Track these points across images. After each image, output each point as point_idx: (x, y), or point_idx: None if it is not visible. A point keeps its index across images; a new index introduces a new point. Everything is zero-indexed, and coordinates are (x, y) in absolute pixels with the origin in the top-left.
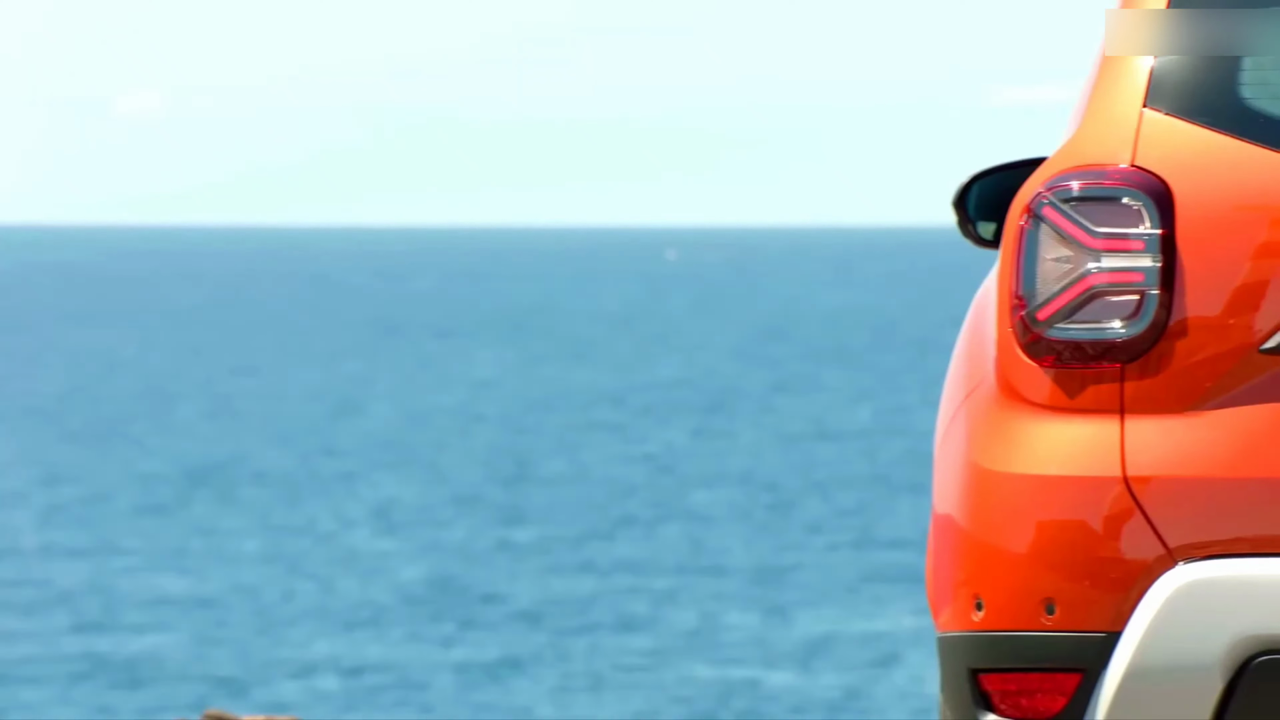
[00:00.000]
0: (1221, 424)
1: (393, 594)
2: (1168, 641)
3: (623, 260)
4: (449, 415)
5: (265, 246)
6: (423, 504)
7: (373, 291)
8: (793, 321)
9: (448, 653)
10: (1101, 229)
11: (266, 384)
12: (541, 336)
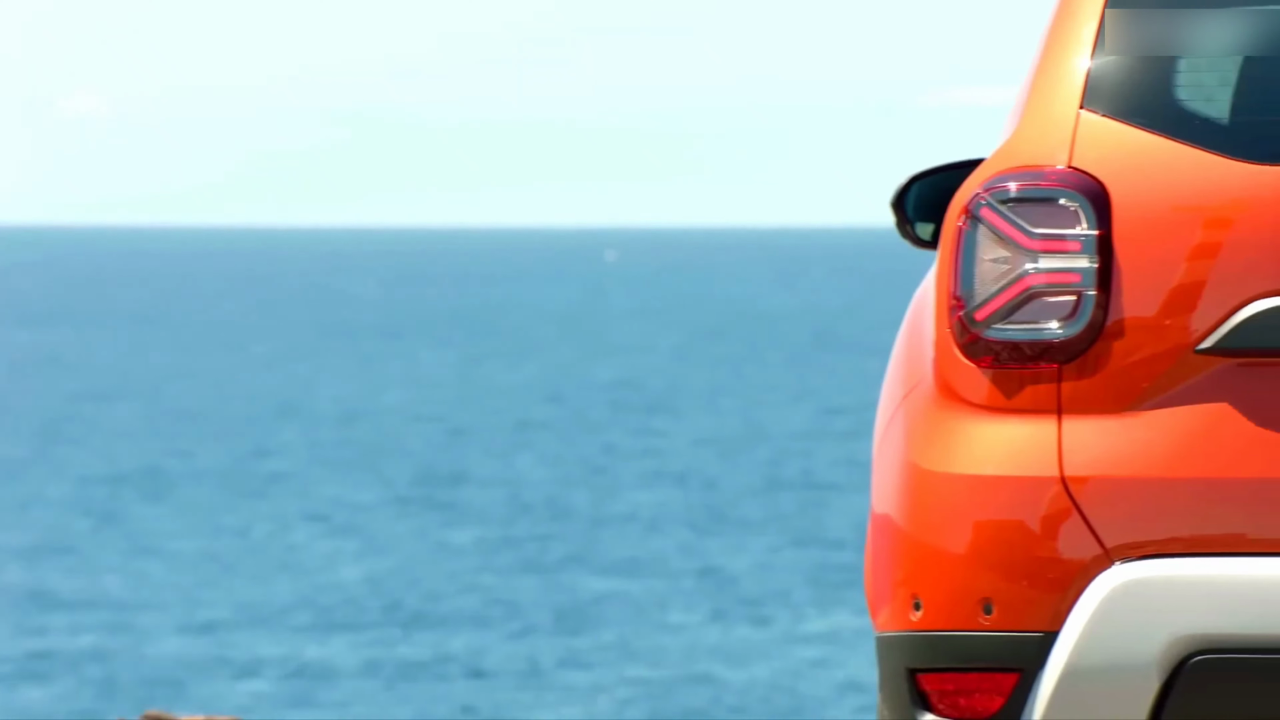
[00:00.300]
0: (1158, 424)
1: (333, 594)
2: (1104, 641)
3: (563, 261)
4: (390, 415)
5: (229, 247)
6: (363, 504)
7: (325, 292)
8: (733, 322)
9: (388, 653)
10: (1039, 230)
11: (208, 384)
12: (483, 337)
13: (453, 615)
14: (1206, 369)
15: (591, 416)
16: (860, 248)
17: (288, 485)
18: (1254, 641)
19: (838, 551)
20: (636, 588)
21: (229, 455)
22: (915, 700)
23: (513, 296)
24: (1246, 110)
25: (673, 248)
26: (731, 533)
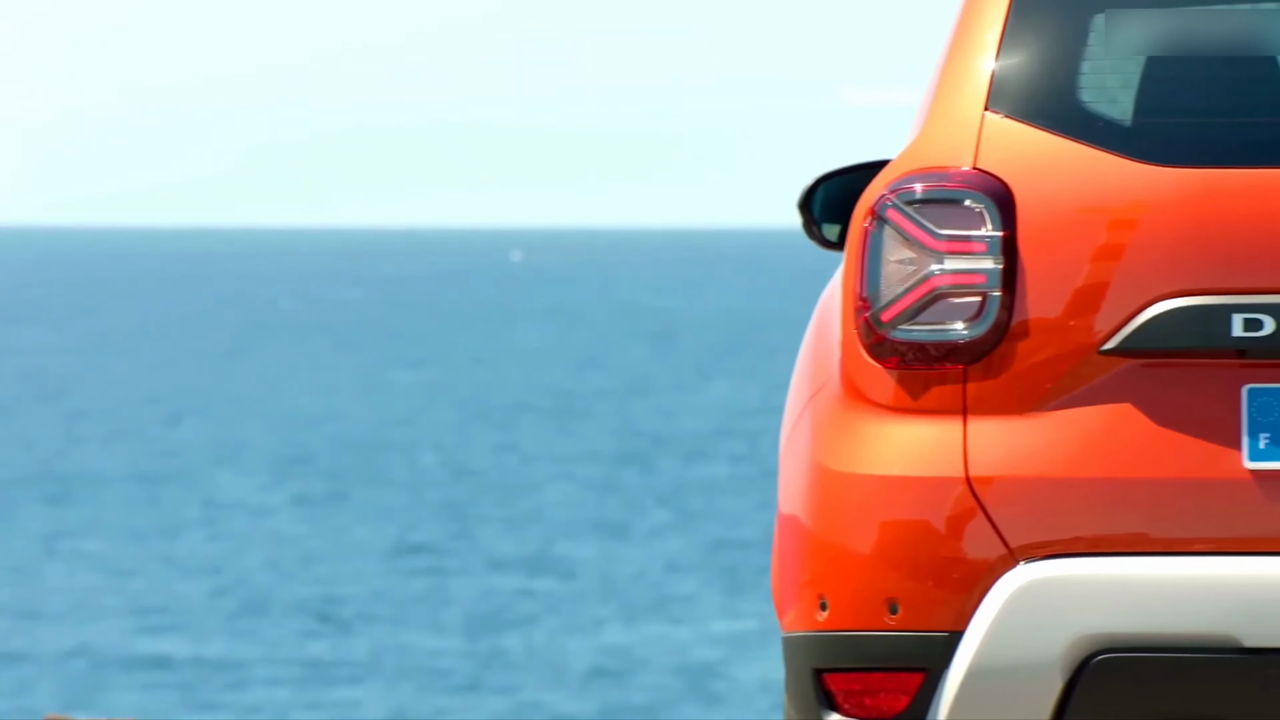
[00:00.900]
0: (1062, 424)
1: (228, 595)
2: (1008, 640)
3: (468, 261)
4: (290, 417)
5: (168, 249)
6: (261, 505)
7: (243, 294)
8: (640, 323)
9: (282, 651)
10: (944, 231)
11: (109, 387)
12: (387, 338)
13: (358, 615)
14: (1110, 369)
15: (495, 418)
16: (766, 248)
17: (185, 484)
18: (1155, 640)
19: (744, 552)
20: (543, 590)
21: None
22: (821, 700)
23: (420, 297)
24: (1149, 112)
25: (583, 248)
26: (639, 534)
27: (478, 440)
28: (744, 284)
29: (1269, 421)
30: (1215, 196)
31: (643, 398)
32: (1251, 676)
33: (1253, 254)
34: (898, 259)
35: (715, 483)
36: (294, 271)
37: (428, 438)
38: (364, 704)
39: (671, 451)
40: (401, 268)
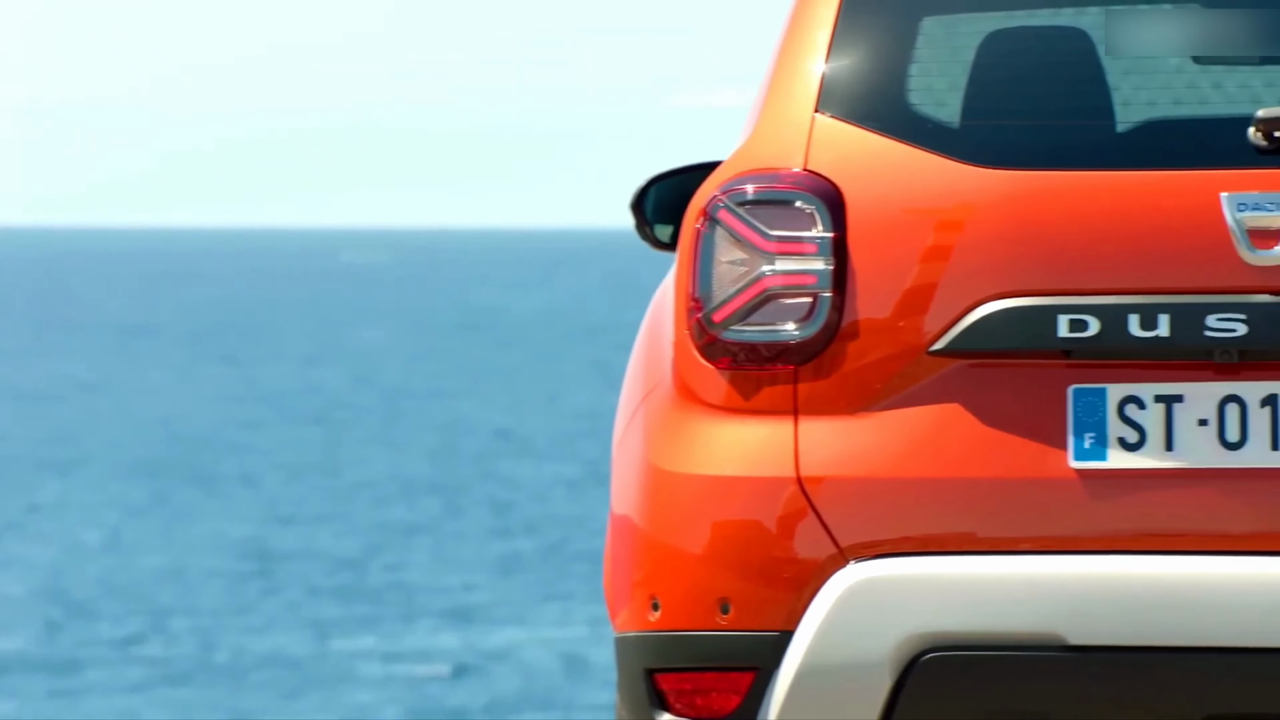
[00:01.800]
0: (891, 424)
1: (52, 597)
2: (838, 640)
3: (299, 261)
4: (109, 418)
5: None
6: (82, 503)
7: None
8: (471, 324)
9: (137, 652)
10: (775, 232)
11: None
12: (216, 338)
13: (187, 612)
14: (938, 370)
15: (324, 419)
16: (600, 248)
17: (8, 484)
18: (982, 639)
19: (576, 554)
20: (376, 596)
21: None
22: (653, 700)
23: (242, 297)
24: (976, 115)
25: (409, 248)
26: (474, 536)
27: (311, 439)
28: (583, 284)
29: (1093, 422)
30: (1041, 198)
31: (478, 398)
32: (1076, 674)
33: (1078, 255)
34: (729, 260)
35: (549, 482)
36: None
37: (253, 439)
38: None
39: (503, 450)
40: (248, 266)
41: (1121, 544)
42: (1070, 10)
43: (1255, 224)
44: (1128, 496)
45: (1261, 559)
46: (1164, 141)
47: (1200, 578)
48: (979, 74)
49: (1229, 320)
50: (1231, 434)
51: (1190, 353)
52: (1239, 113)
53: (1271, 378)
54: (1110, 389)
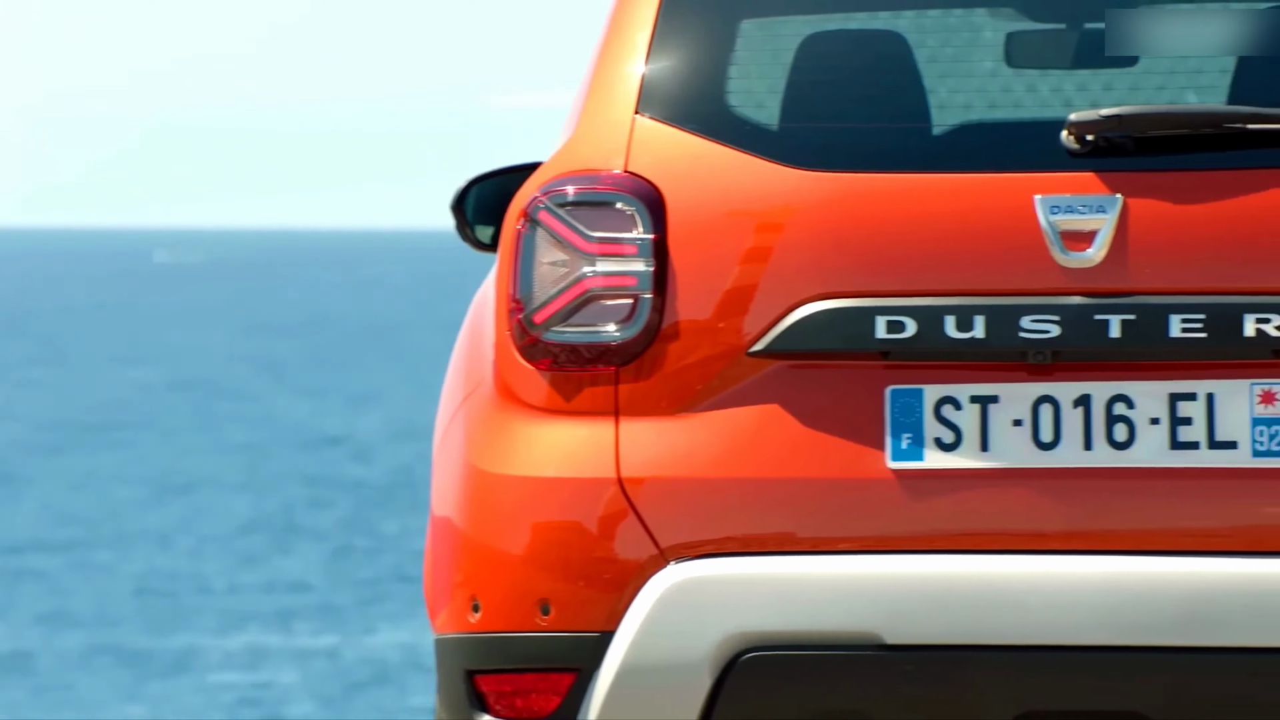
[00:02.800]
0: (712, 425)
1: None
2: (658, 640)
3: (111, 261)
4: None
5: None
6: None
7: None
8: (289, 325)
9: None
10: (596, 233)
11: None
12: (16, 339)
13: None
14: (759, 371)
15: (130, 422)
16: (420, 249)
17: None
18: (801, 638)
19: (393, 557)
20: (187, 604)
21: None
22: (473, 702)
23: (52, 299)
24: (795, 117)
25: (229, 248)
26: (292, 540)
27: (112, 443)
28: (402, 285)
29: (910, 422)
30: (859, 200)
31: (299, 398)
32: (893, 673)
33: (896, 257)
34: (550, 261)
35: (364, 485)
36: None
37: (53, 439)
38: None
39: (318, 451)
40: (34, 267)
41: (938, 543)
42: (887, 14)
43: (1068, 226)
44: (944, 496)
45: (1073, 558)
46: (979, 144)
47: (1015, 577)
48: (797, 76)
49: (1042, 322)
50: (1045, 434)
51: (1005, 354)
52: (1052, 116)
53: (1083, 378)
54: (927, 390)
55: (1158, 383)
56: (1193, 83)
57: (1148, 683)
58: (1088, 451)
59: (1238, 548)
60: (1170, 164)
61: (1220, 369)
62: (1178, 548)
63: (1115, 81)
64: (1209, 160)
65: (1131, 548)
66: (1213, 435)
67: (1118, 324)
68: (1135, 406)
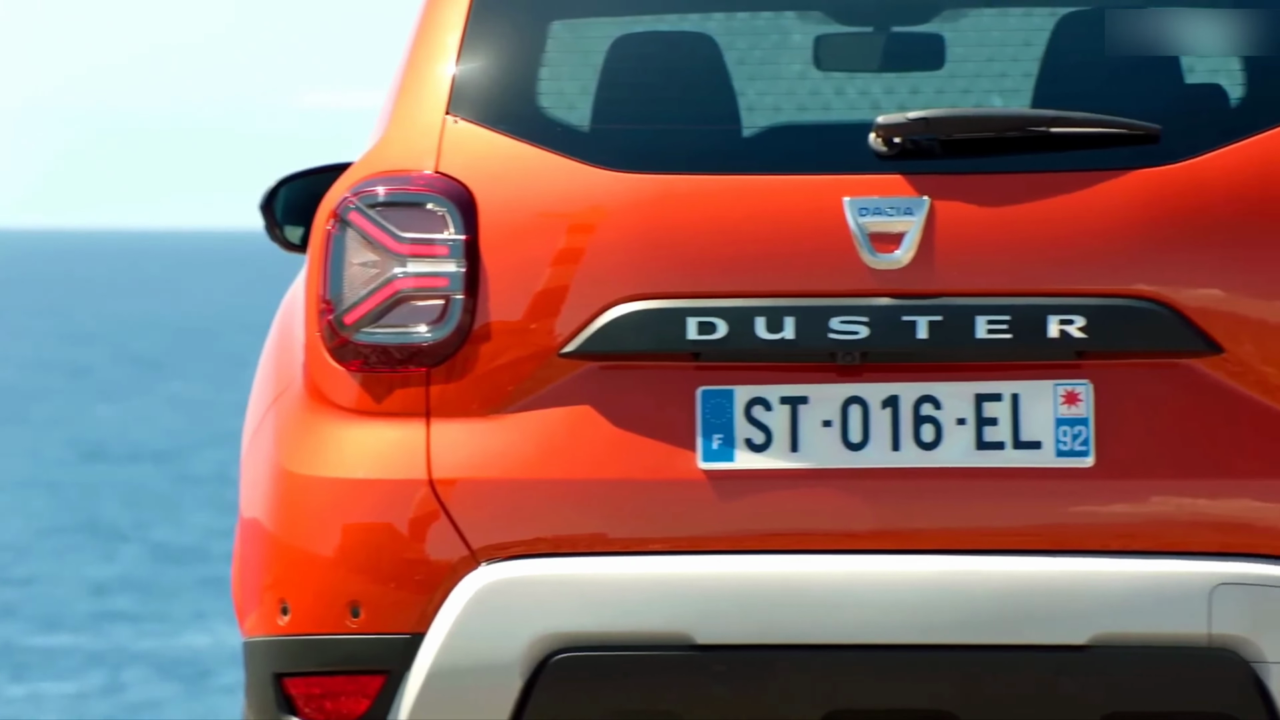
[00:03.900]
0: (524, 427)
1: None
2: (469, 642)
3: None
4: None
5: None
6: None
7: None
8: (95, 328)
9: None
10: (407, 234)
11: None
12: None
13: None
14: (570, 372)
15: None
16: (230, 250)
17: None
18: (612, 639)
19: (205, 560)
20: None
21: None
22: (281, 705)
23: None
24: (605, 119)
25: (25, 249)
26: (105, 544)
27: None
28: (209, 286)
29: (721, 423)
30: (671, 202)
31: (109, 402)
32: (703, 673)
33: (707, 258)
34: (360, 262)
35: (179, 488)
36: None
37: None
38: None
39: (126, 456)
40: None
41: (749, 544)
42: (696, 16)
43: (876, 228)
44: (755, 497)
45: (882, 557)
46: (789, 146)
47: (824, 577)
48: (608, 78)
49: (851, 323)
50: (854, 435)
51: (814, 355)
52: (860, 119)
53: (892, 379)
54: (738, 391)
55: (964, 383)
56: (998, 86)
57: (955, 681)
58: (895, 452)
59: (1042, 546)
60: (976, 166)
61: (1025, 370)
62: (984, 547)
63: (922, 85)
64: (1014, 163)
65: (939, 547)
66: (1017, 435)
67: (925, 325)
68: (942, 407)
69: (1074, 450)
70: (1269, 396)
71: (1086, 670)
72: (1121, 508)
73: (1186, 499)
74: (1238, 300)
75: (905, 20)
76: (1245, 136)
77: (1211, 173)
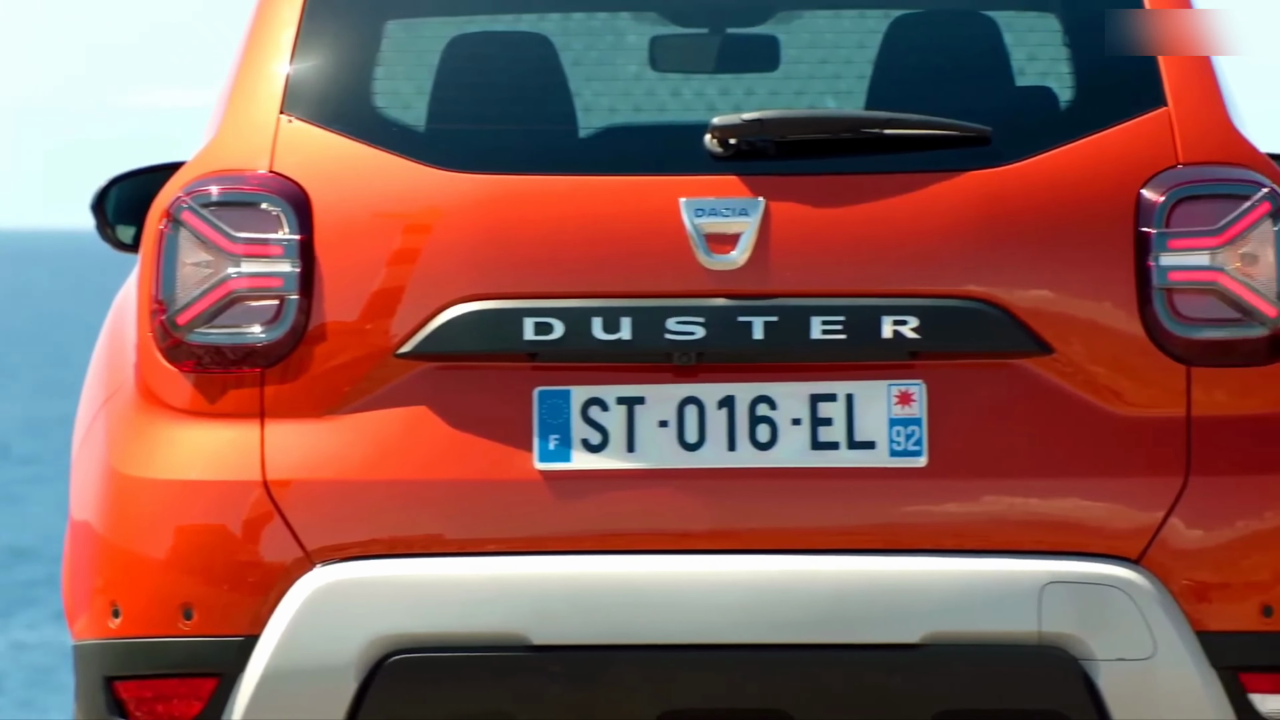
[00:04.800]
0: (360, 427)
1: None
2: (303, 644)
3: None
4: None
5: None
6: None
7: None
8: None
9: None
10: (241, 234)
11: None
12: None
13: None
14: (406, 372)
15: None
16: (56, 250)
17: None
18: (448, 640)
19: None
20: None
21: None
22: (112, 709)
23: None
24: (441, 119)
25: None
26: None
27: None
28: (37, 285)
29: (558, 424)
30: (507, 202)
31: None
32: (539, 673)
33: (544, 259)
34: (194, 262)
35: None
36: None
37: None
38: None
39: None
40: None
41: (585, 544)
42: (532, 16)
43: (712, 229)
44: (591, 497)
45: (718, 557)
46: (625, 147)
47: (660, 577)
48: (444, 78)
49: (688, 323)
50: (690, 435)
51: (651, 355)
52: (697, 120)
53: (728, 380)
54: (575, 391)
55: (799, 384)
56: (832, 88)
57: (789, 680)
58: (731, 452)
59: (876, 546)
60: (811, 168)
61: (859, 370)
62: (819, 547)
63: (757, 86)
64: (849, 164)
65: (775, 547)
66: (852, 435)
67: (760, 326)
68: (778, 407)
69: (907, 450)
70: (1097, 396)
71: (918, 669)
72: (953, 507)
73: (1017, 498)
74: (1068, 301)
75: (740, 22)
76: (1075, 139)
77: (1041, 175)
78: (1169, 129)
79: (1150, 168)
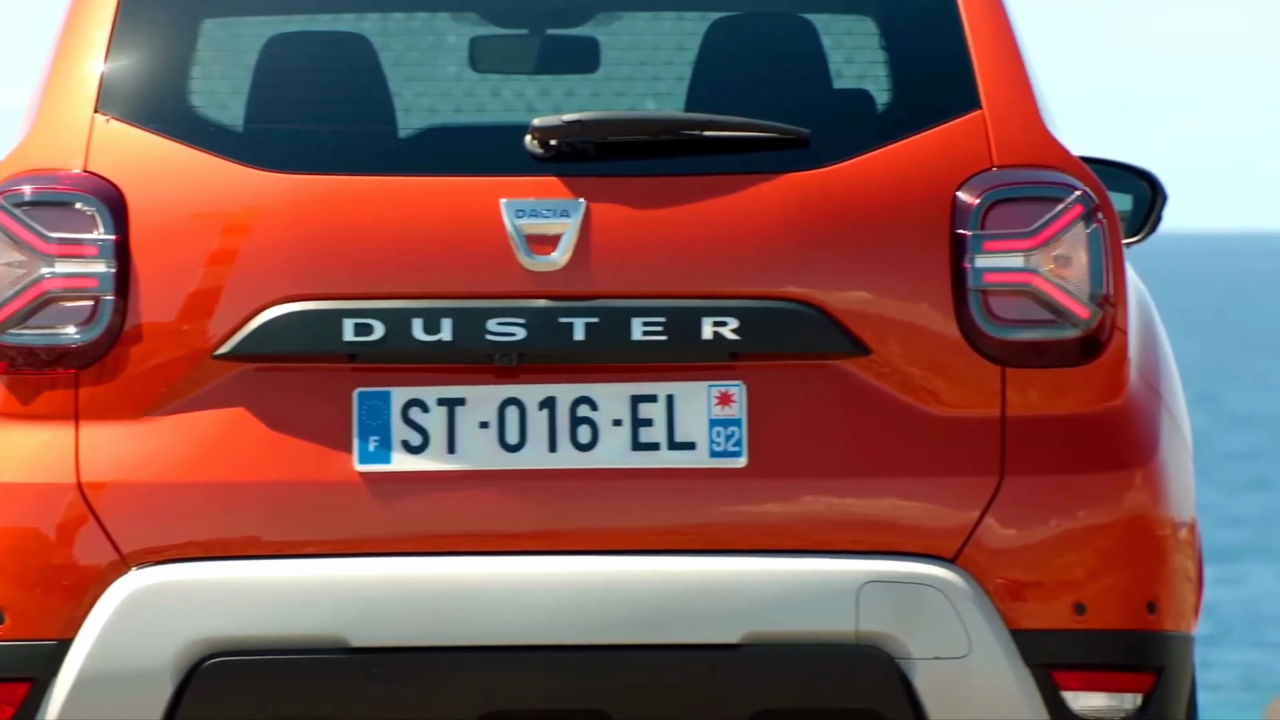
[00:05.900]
0: (177, 429)
1: None
2: (119, 648)
3: None
4: None
5: None
6: None
7: None
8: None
9: None
10: (55, 234)
11: None
12: None
13: None
14: (224, 374)
15: None
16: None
17: None
18: (266, 643)
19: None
20: None
21: None
22: None
23: None
24: (259, 119)
25: None
26: None
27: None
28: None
29: (378, 425)
30: (326, 203)
31: None
32: (358, 676)
33: (364, 260)
34: (6, 262)
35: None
36: None
37: None
38: None
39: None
40: None
41: (406, 546)
42: (351, 16)
43: (533, 230)
44: (412, 499)
45: (539, 558)
46: (445, 148)
47: (481, 578)
48: (261, 78)
49: (509, 325)
50: (511, 436)
51: (472, 356)
52: (517, 120)
53: (549, 381)
54: (395, 392)
55: (620, 385)
56: (652, 90)
57: (611, 681)
58: (553, 453)
59: (696, 546)
60: (632, 169)
61: (680, 371)
62: (640, 547)
63: (578, 87)
64: (669, 165)
65: (596, 548)
66: (672, 436)
67: (581, 327)
68: (599, 408)
69: (727, 451)
70: (914, 397)
71: (737, 668)
72: (773, 507)
73: (835, 498)
74: (884, 303)
75: (560, 23)
76: (891, 141)
77: (858, 177)
78: (984, 132)
79: (965, 170)
